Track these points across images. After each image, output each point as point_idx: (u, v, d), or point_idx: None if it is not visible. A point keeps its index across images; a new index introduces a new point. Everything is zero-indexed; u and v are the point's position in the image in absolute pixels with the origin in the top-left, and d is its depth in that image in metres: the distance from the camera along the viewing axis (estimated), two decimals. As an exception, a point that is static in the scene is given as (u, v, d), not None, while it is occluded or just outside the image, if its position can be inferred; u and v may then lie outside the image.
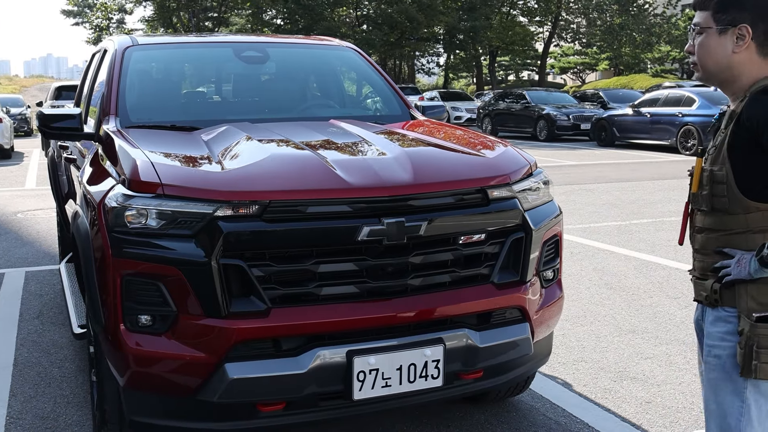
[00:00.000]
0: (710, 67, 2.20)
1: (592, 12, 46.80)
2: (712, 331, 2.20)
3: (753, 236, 2.12)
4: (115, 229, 2.85)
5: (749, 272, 2.08)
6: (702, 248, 2.24)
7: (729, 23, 2.13)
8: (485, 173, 3.16)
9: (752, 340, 2.07)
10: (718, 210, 2.16)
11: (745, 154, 2.08)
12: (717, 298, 2.18)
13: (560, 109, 24.19)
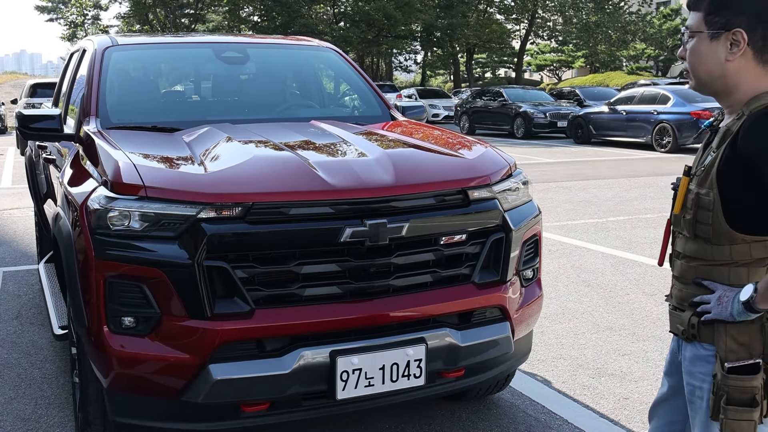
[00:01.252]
0: (702, 75, 1.96)
1: (568, 10, 47.08)
2: (692, 370, 2.00)
3: (736, 270, 1.92)
4: (97, 231, 2.86)
5: (731, 313, 1.89)
6: (681, 276, 2.04)
7: (722, 27, 1.89)
8: (466, 174, 3.20)
9: (722, 390, 1.89)
10: (701, 238, 1.94)
11: (737, 182, 1.85)
12: (695, 333, 1.98)
13: (537, 107, 24.32)
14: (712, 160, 1.90)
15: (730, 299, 1.89)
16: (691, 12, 1.96)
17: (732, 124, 1.89)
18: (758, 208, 1.85)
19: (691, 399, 2.02)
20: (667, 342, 4.84)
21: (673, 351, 2.16)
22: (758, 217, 1.87)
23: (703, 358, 1.96)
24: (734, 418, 1.87)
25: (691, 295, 2.00)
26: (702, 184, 1.92)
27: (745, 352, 1.90)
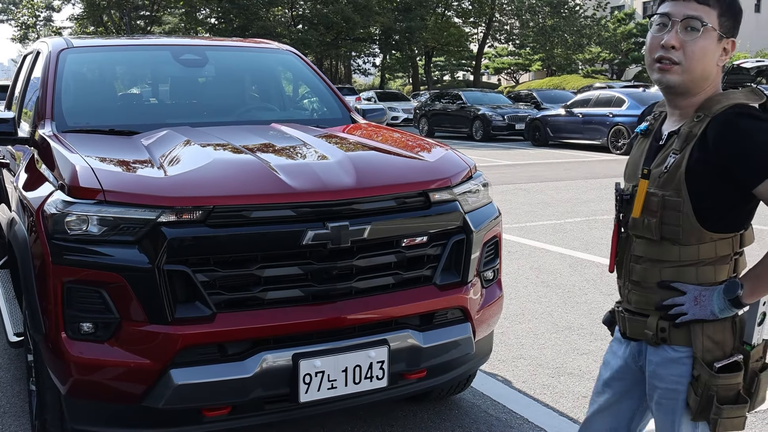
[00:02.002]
0: (699, 71, 1.92)
1: (525, 14, 47.59)
2: (663, 373, 2.00)
3: (703, 269, 1.93)
4: (54, 236, 2.81)
5: (712, 312, 1.90)
6: (643, 280, 2.01)
7: (727, 32, 1.93)
8: (427, 177, 3.22)
9: (711, 390, 1.90)
10: (668, 239, 1.95)
11: (709, 183, 1.87)
12: (665, 337, 1.98)
13: (495, 110, 24.52)
14: (677, 162, 1.90)
15: (709, 298, 1.90)
16: (694, 3, 1.91)
17: (693, 126, 1.91)
18: (730, 205, 1.89)
19: (661, 402, 2.02)
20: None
21: (626, 357, 2.15)
22: (729, 215, 1.91)
23: (675, 360, 1.97)
24: (729, 416, 1.89)
25: (655, 299, 1.99)
26: (666, 187, 1.92)
27: (720, 350, 1.92)
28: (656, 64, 1.96)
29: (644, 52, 2.05)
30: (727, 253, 1.94)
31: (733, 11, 1.93)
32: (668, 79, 1.94)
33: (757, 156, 1.80)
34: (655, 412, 2.07)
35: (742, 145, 1.82)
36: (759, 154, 1.80)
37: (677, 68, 1.92)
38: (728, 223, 1.92)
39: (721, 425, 1.90)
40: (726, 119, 1.86)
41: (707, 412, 1.91)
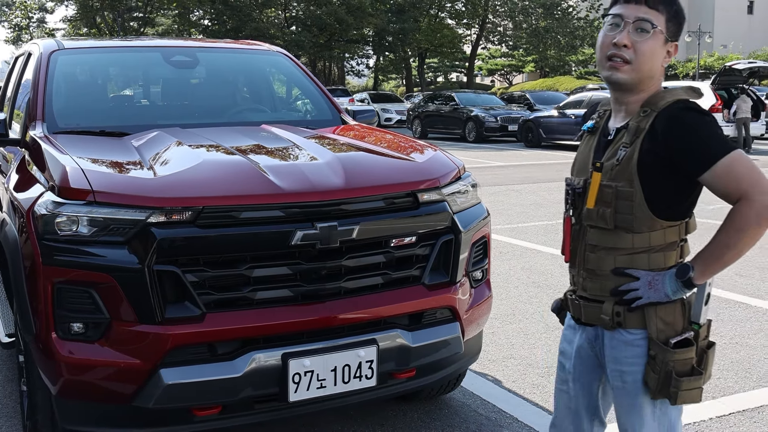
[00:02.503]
0: (646, 70, 2.07)
1: (519, 15, 47.69)
2: (619, 356, 2.12)
3: (654, 255, 2.07)
4: (45, 237, 2.83)
5: (666, 294, 2.04)
6: (598, 268, 2.13)
7: (673, 35, 2.09)
8: (415, 177, 3.25)
9: (668, 366, 2.03)
10: (622, 228, 2.06)
11: (658, 173, 2.01)
12: (620, 321, 2.09)
13: (488, 111, 24.58)
14: (628, 155, 2.04)
15: (662, 281, 2.04)
16: (645, 7, 2.05)
17: (641, 121, 2.05)
18: (678, 194, 2.05)
19: (616, 384, 2.15)
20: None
21: (582, 342, 2.26)
22: (676, 204, 2.06)
23: (630, 343, 2.10)
24: (687, 388, 2.03)
25: (610, 285, 2.11)
26: (618, 179, 2.05)
27: (671, 330, 2.06)
28: (608, 62, 2.09)
29: (596, 50, 2.18)
30: (674, 240, 2.09)
31: (678, 18, 2.10)
32: (618, 77, 2.08)
33: (701, 148, 1.96)
34: (616, 397, 2.18)
35: (688, 138, 1.97)
36: (703, 146, 1.96)
37: (627, 67, 2.06)
38: (676, 211, 2.07)
39: (681, 397, 2.04)
40: (672, 114, 2.00)
41: (667, 387, 2.04)
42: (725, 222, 1.99)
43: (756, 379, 4.31)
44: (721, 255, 2.00)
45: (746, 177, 1.95)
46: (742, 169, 1.95)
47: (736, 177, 1.94)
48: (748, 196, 1.94)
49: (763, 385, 4.22)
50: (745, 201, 1.95)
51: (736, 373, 4.41)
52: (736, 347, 4.84)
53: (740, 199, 1.96)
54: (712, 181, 1.96)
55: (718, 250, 2.00)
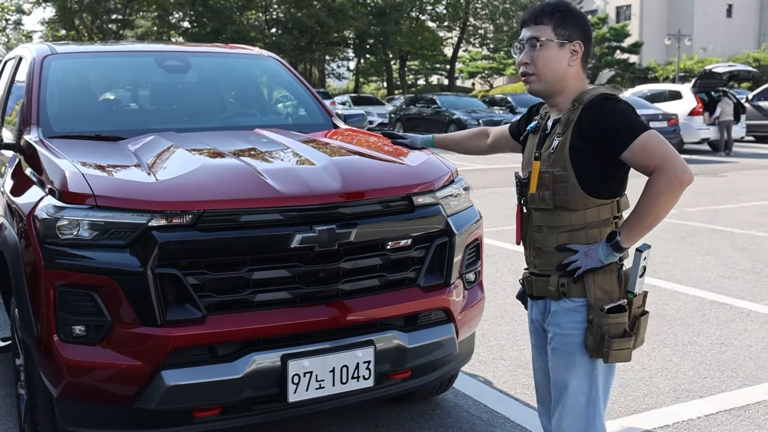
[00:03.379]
0: (549, 77, 2.40)
1: (499, 18, 47.95)
2: (562, 321, 2.43)
3: (591, 231, 2.39)
4: (46, 240, 2.86)
5: (600, 260, 2.34)
6: (543, 246, 2.45)
7: (567, 38, 2.39)
8: (410, 181, 3.30)
9: (603, 328, 2.33)
10: (560, 207, 2.38)
11: (587, 156, 2.33)
12: (564, 291, 2.41)
13: (470, 114, 24.69)
14: (561, 143, 2.37)
15: (595, 249, 2.36)
16: (533, 26, 2.41)
17: (571, 114, 2.37)
18: (605, 174, 2.36)
19: (557, 347, 2.46)
20: (602, 340, 5.02)
21: (537, 318, 2.57)
22: (605, 183, 2.37)
23: (572, 309, 2.41)
24: (618, 348, 2.33)
25: (554, 261, 2.43)
26: (555, 165, 2.38)
27: (608, 298, 2.37)
28: (522, 79, 2.48)
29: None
30: (608, 217, 2.41)
31: (566, 22, 2.40)
32: (531, 88, 2.45)
33: (620, 130, 2.28)
34: (553, 357, 2.48)
35: (608, 123, 2.30)
36: (621, 129, 2.28)
37: (534, 78, 2.43)
38: (606, 190, 2.38)
39: (612, 356, 2.34)
40: (594, 104, 2.34)
41: (601, 348, 2.34)
42: (644, 191, 2.28)
43: (742, 379, 4.40)
44: (642, 219, 2.30)
45: (659, 151, 2.26)
46: (654, 145, 2.26)
47: (650, 152, 2.26)
48: (662, 167, 2.24)
49: (749, 385, 4.31)
50: (659, 171, 2.25)
51: (722, 372, 4.50)
52: (721, 348, 4.94)
53: (655, 170, 2.26)
54: (632, 157, 2.28)
55: (639, 215, 2.31)
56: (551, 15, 2.40)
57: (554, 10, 2.40)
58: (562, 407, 2.48)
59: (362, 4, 45.83)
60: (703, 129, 19.79)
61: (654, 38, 54.61)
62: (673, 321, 5.50)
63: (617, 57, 52.07)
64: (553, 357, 2.48)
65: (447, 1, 49.60)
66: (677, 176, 2.23)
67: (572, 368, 2.43)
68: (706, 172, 15.76)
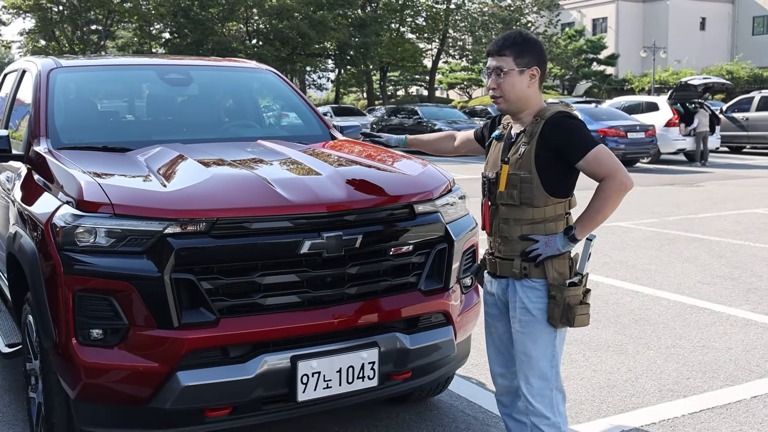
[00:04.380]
0: (513, 98, 2.88)
1: (478, 30, 48.30)
2: (525, 298, 2.89)
3: (549, 224, 2.87)
4: (65, 248, 2.98)
5: (558, 248, 2.83)
6: (509, 236, 2.90)
7: (526, 66, 2.86)
8: (411, 190, 3.46)
9: (566, 299, 2.81)
10: (525, 204, 2.84)
11: (549, 163, 2.81)
12: (526, 273, 2.87)
13: (451, 124, 24.94)
14: (527, 151, 2.83)
15: (554, 240, 2.84)
16: (497, 57, 2.87)
17: (534, 127, 2.84)
18: (562, 178, 2.84)
19: (522, 318, 2.90)
20: (590, 345, 5.21)
21: (497, 295, 3.03)
22: (562, 185, 2.85)
23: (533, 287, 2.89)
24: (581, 313, 2.83)
25: (518, 248, 2.89)
26: (522, 168, 2.84)
27: (562, 278, 2.85)
28: (492, 100, 2.95)
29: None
30: (562, 213, 2.89)
31: (524, 52, 2.85)
32: (499, 107, 2.95)
33: (577, 143, 2.78)
34: (519, 329, 2.92)
35: (566, 137, 2.79)
36: (577, 142, 2.79)
37: (501, 99, 2.91)
38: (561, 191, 2.86)
39: (577, 320, 2.82)
40: (555, 120, 2.82)
41: (566, 315, 2.82)
42: (595, 194, 2.79)
43: (723, 379, 4.59)
44: (594, 217, 2.81)
45: (608, 162, 2.78)
46: (604, 157, 2.78)
47: (601, 163, 2.77)
48: (611, 175, 2.77)
49: (729, 385, 4.50)
50: (608, 178, 2.77)
51: (704, 374, 4.68)
52: (703, 350, 5.13)
53: (605, 177, 2.77)
54: (586, 166, 2.78)
55: (591, 213, 2.81)
56: (511, 47, 2.85)
57: (513, 43, 2.86)
58: (530, 371, 2.93)
59: (343, 16, 45.99)
60: (679, 140, 20.18)
61: (630, 50, 55.33)
62: (656, 325, 5.69)
63: (594, 69, 52.71)
64: (519, 329, 2.93)
65: (427, 13, 49.95)
66: (622, 183, 2.77)
67: (537, 337, 2.90)
68: (683, 182, 16.07)
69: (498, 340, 3.13)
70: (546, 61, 2.94)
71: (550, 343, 2.92)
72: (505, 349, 3.11)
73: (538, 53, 2.89)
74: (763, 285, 6.92)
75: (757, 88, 35.08)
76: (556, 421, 2.94)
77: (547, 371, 2.93)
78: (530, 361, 2.92)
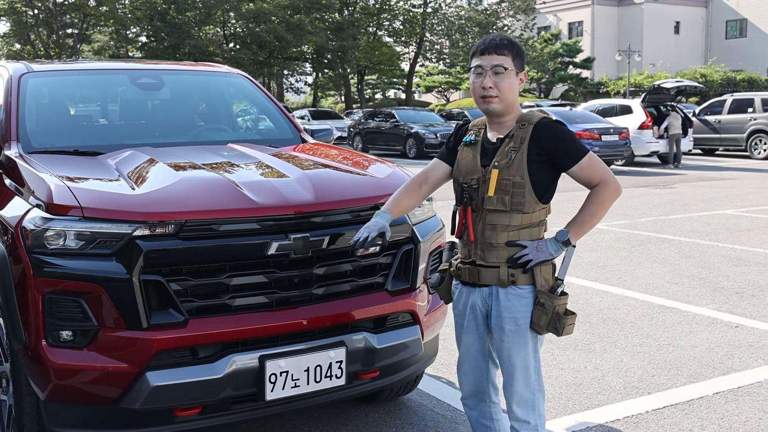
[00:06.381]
0: (510, 99, 2.84)
1: (455, 33, 48.54)
2: (512, 306, 2.83)
3: (534, 230, 2.85)
4: (35, 251, 3.01)
5: (550, 253, 2.81)
6: (494, 242, 2.83)
7: (520, 68, 2.87)
8: (378, 192, 3.52)
9: (555, 308, 2.79)
10: (515, 210, 2.80)
11: (540, 167, 2.79)
12: (514, 280, 2.82)
13: (428, 128, 25.05)
14: (518, 156, 2.79)
15: (545, 245, 2.82)
16: (496, 55, 2.81)
17: (522, 131, 2.82)
18: (550, 183, 2.84)
19: (508, 327, 2.84)
20: (558, 343, 5.30)
21: (474, 304, 2.93)
22: (548, 191, 2.85)
23: (521, 295, 2.83)
24: (570, 323, 2.82)
25: (505, 254, 2.83)
26: (513, 173, 2.79)
27: (548, 285, 2.83)
28: (482, 99, 2.85)
29: (471, 92, 2.90)
30: (544, 218, 2.90)
31: (520, 55, 2.85)
32: (491, 107, 2.85)
33: (571, 150, 2.81)
34: (505, 338, 2.87)
35: (560, 143, 2.80)
36: (571, 148, 2.81)
37: (496, 99, 2.83)
38: (547, 196, 2.86)
39: (566, 330, 2.81)
40: (547, 125, 2.82)
41: (554, 324, 2.80)
42: (590, 199, 2.83)
43: (686, 376, 4.69)
44: (589, 221, 2.83)
45: (601, 168, 2.83)
46: (597, 163, 2.83)
47: (595, 169, 2.82)
48: (605, 180, 2.82)
49: (693, 382, 4.60)
50: (603, 184, 2.82)
51: (668, 371, 4.79)
52: (668, 348, 5.24)
53: (599, 183, 2.81)
54: (580, 172, 2.81)
55: (586, 217, 2.83)
56: (510, 47, 2.83)
57: (512, 44, 2.85)
58: (514, 378, 2.91)
59: (320, 19, 46.01)
60: (653, 142, 20.41)
61: (605, 54, 55.77)
62: (623, 324, 5.80)
63: (570, 72, 53.07)
64: (505, 337, 2.87)
65: (404, 17, 50.10)
66: (616, 188, 2.84)
67: (523, 345, 2.86)
68: (656, 183, 16.27)
69: (470, 347, 3.05)
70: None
71: (534, 349, 2.90)
72: (474, 356, 3.04)
73: (524, 60, 2.91)
74: (729, 285, 7.06)
75: (730, 91, 35.53)
76: (536, 425, 2.95)
77: (531, 377, 2.91)
78: (515, 369, 2.89)
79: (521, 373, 2.89)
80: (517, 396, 2.91)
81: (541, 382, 2.98)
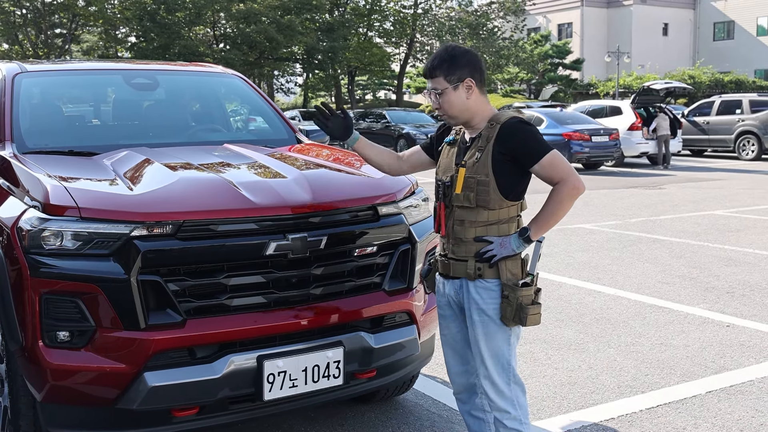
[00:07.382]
0: (455, 113, 2.96)
1: (446, 35, 48.53)
2: (479, 298, 2.94)
3: (502, 226, 2.93)
4: (31, 251, 3.01)
5: (513, 249, 2.90)
6: (463, 237, 2.94)
7: (458, 81, 2.91)
8: (375, 192, 3.54)
9: (518, 299, 2.87)
10: (481, 206, 2.90)
11: (504, 166, 2.88)
12: (480, 273, 2.92)
13: (419, 128, 25.07)
14: (484, 155, 2.89)
15: (508, 241, 2.91)
16: (430, 79, 2.96)
17: (489, 131, 2.91)
18: (516, 181, 2.91)
19: (476, 318, 2.96)
20: (552, 343, 5.32)
21: (449, 295, 3.07)
22: (515, 188, 2.92)
23: (488, 288, 2.94)
24: (533, 312, 2.89)
25: (472, 249, 2.94)
26: (478, 171, 2.89)
27: (515, 278, 2.92)
28: (439, 117, 3.04)
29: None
30: (514, 215, 2.97)
31: (453, 68, 2.91)
32: (448, 120, 3.05)
33: (532, 148, 2.87)
34: (475, 328, 2.98)
35: (523, 141, 2.88)
36: (533, 147, 2.87)
37: (446, 116, 3.01)
38: (515, 193, 2.93)
39: (530, 320, 2.88)
40: (511, 125, 2.90)
41: (519, 314, 2.88)
42: (550, 197, 2.89)
43: (679, 375, 4.72)
44: (548, 219, 2.90)
45: (562, 167, 2.87)
46: (558, 162, 2.87)
47: (556, 167, 2.87)
48: (564, 179, 2.86)
49: (686, 380, 4.63)
50: (562, 183, 2.86)
51: (661, 370, 4.81)
52: (661, 347, 5.26)
53: (559, 181, 2.86)
54: (541, 170, 2.87)
55: (546, 215, 2.91)
56: (439, 67, 2.93)
57: (441, 62, 2.93)
58: (488, 368, 3.00)
59: (311, 20, 45.93)
60: (642, 143, 20.51)
61: (594, 55, 55.95)
62: (616, 324, 5.83)
63: (560, 73, 53.23)
64: (476, 328, 2.98)
65: (394, 18, 50.10)
66: (575, 187, 2.88)
67: (493, 336, 2.96)
68: (645, 184, 16.34)
69: (452, 339, 3.17)
70: (480, 67, 2.97)
71: (505, 341, 2.98)
72: (460, 347, 3.16)
73: (468, 63, 2.93)
74: (720, 284, 7.11)
75: (718, 93, 35.69)
76: (518, 415, 3.02)
77: (504, 367, 3.00)
78: (487, 360, 2.99)
79: (493, 362, 2.99)
80: (493, 386, 3.00)
81: (517, 375, 3.06)
